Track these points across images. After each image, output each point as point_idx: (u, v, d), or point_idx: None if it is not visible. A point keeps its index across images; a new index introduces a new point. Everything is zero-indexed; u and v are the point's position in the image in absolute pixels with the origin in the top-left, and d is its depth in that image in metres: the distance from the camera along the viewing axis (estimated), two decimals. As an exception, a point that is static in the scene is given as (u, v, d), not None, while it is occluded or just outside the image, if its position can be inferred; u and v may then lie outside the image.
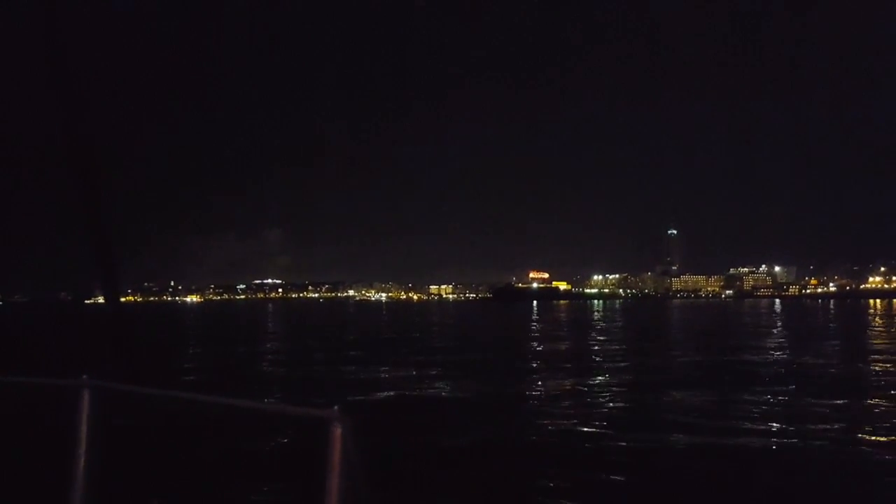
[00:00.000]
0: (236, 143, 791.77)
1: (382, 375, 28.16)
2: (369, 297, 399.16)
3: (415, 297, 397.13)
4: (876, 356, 34.75)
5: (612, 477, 12.40)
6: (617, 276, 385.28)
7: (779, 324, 72.60)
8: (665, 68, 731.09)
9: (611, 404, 20.61)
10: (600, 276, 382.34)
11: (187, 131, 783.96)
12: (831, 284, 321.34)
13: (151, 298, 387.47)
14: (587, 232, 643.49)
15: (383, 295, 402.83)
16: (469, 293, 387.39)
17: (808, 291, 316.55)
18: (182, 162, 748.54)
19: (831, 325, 71.86)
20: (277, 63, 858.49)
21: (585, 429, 16.74)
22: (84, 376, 3.29)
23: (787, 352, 38.22)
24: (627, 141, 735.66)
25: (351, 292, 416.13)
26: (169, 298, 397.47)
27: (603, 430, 16.63)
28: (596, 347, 42.82)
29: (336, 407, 2.32)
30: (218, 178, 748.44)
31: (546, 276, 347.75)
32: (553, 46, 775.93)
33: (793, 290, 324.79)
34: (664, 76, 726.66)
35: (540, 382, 25.80)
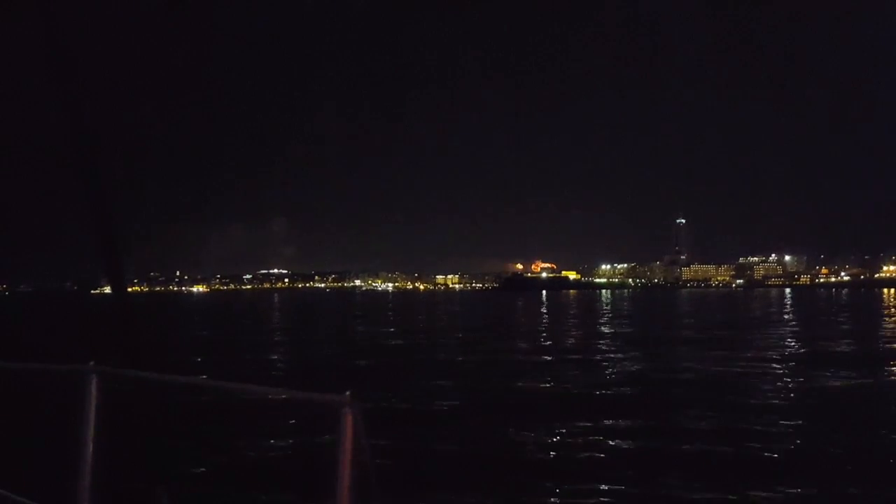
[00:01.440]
0: (241, 132, 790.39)
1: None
2: (375, 286, 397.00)
3: (421, 286, 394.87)
4: None
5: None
6: (625, 265, 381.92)
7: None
8: (673, 59, 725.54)
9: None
10: (608, 266, 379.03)
11: (192, 121, 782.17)
12: (843, 273, 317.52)
13: (157, 288, 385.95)
14: (594, 221, 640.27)
15: (389, 285, 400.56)
16: (475, 283, 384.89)
17: (822, 280, 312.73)
18: (187, 152, 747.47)
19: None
20: (284, 53, 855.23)
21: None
22: (91, 362, 3.33)
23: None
24: (635, 130, 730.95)
25: (357, 282, 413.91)
26: (175, 288, 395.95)
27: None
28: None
29: (348, 392, 2.33)
30: (223, 168, 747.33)
31: (552, 265, 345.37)
32: (561, 39, 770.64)
33: (804, 279, 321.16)
34: (673, 67, 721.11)
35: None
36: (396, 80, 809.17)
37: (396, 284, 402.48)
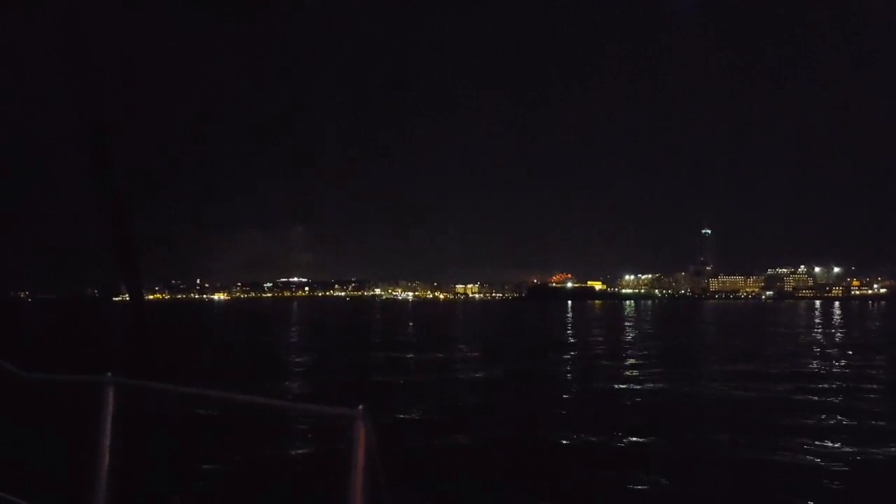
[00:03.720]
0: (262, 140, 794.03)
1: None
2: (396, 295, 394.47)
3: (441, 296, 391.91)
4: None
5: None
6: (649, 276, 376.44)
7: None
8: (701, 68, 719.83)
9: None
10: (632, 276, 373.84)
11: (214, 130, 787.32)
12: (875, 285, 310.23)
13: (179, 296, 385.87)
14: (617, 231, 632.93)
15: (409, 294, 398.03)
16: (495, 293, 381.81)
17: (858, 293, 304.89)
18: (209, 160, 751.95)
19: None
20: (302, 61, 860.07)
21: None
22: (108, 373, 3.38)
23: None
24: (658, 139, 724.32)
25: (377, 291, 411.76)
26: (196, 296, 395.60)
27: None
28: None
29: (360, 406, 2.34)
30: (245, 178, 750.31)
31: (569, 276, 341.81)
32: (584, 51, 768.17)
33: (836, 290, 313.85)
34: (701, 75, 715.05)
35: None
36: (420, 94, 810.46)
37: (416, 293, 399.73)
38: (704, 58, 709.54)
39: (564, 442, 15.32)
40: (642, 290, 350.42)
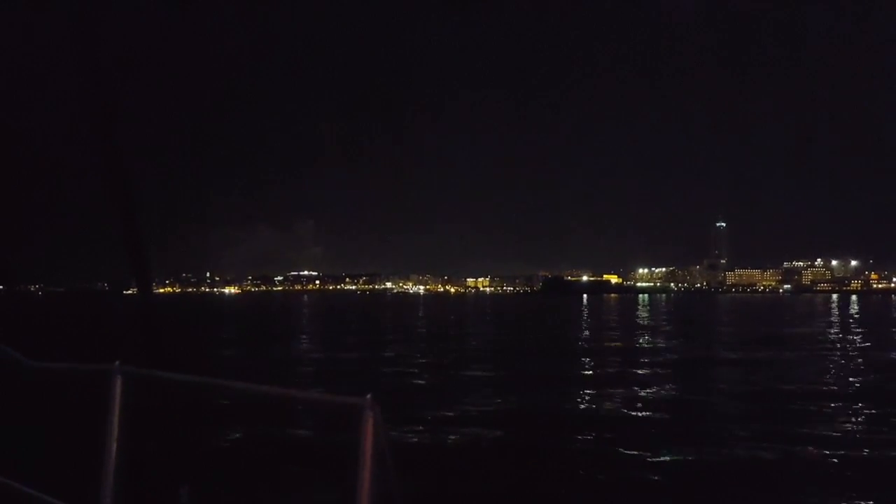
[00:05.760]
0: (272, 134, 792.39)
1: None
2: (407, 289, 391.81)
3: (452, 289, 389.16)
4: None
5: None
6: (663, 269, 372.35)
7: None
8: (718, 60, 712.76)
9: None
10: (645, 270, 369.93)
11: (224, 124, 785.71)
12: (894, 279, 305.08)
13: (189, 289, 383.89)
14: (629, 224, 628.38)
15: (421, 287, 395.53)
16: (506, 286, 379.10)
17: (881, 286, 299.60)
18: (220, 154, 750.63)
19: None
20: (312, 57, 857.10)
21: None
22: (116, 362, 3.38)
23: None
24: (670, 131, 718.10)
25: (388, 284, 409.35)
26: (206, 289, 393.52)
27: None
28: None
29: (369, 395, 2.33)
30: (256, 170, 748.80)
31: (575, 272, 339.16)
32: (593, 46, 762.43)
33: (854, 284, 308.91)
34: (718, 66, 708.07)
35: None
36: (428, 87, 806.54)
37: (427, 287, 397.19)
38: (711, 51, 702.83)
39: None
40: (657, 284, 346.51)
